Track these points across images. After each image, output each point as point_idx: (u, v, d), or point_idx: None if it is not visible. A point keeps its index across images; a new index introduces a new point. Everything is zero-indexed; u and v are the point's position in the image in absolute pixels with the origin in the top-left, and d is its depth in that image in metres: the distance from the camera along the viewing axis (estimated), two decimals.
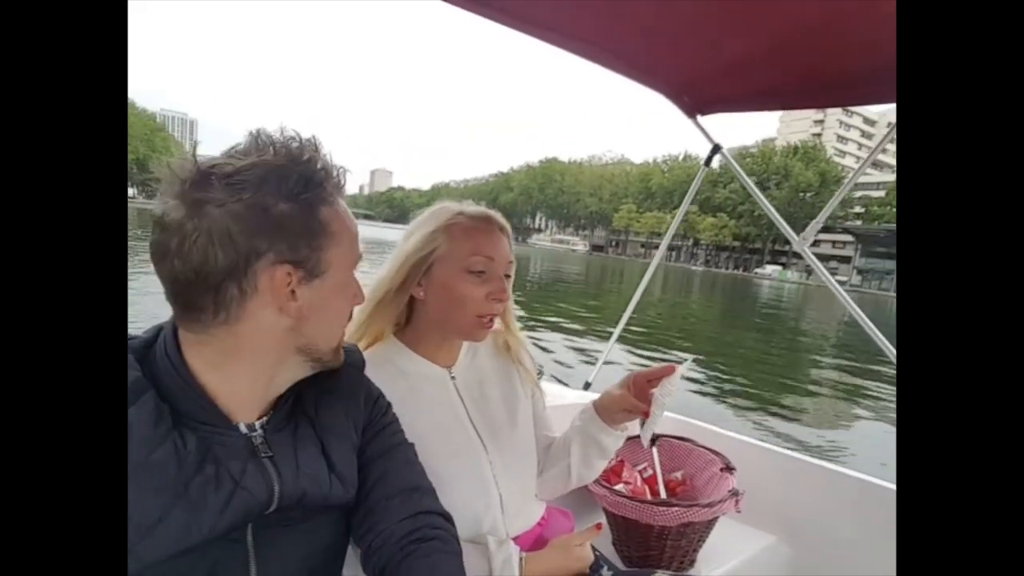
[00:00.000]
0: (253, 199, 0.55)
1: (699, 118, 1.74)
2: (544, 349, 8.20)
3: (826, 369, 10.10)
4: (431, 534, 0.68)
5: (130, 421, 0.52)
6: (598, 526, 0.95)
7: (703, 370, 7.94)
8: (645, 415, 0.94)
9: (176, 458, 0.53)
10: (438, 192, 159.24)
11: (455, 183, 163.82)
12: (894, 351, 1.46)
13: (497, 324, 1.07)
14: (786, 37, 1.20)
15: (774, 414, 6.28)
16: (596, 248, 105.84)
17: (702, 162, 1.89)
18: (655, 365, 0.95)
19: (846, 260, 69.19)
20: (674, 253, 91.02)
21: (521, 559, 0.89)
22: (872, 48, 1.15)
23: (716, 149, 1.80)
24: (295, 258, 0.57)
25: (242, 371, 0.60)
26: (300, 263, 0.58)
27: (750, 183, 1.85)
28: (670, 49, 1.38)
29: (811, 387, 8.43)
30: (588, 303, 17.30)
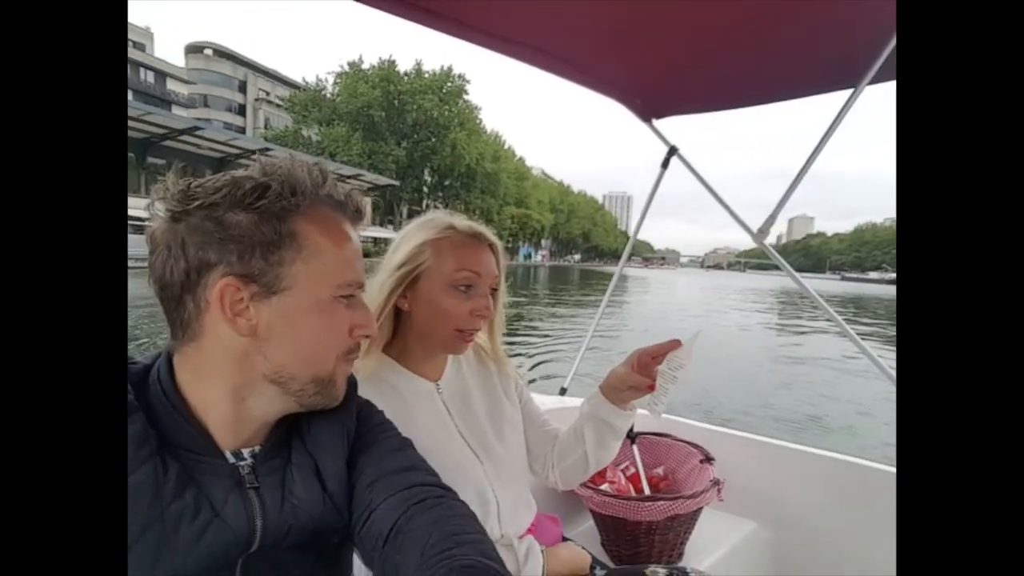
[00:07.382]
0: (208, 211, 0.55)
1: (655, 122, 1.79)
2: None
3: None
4: (433, 492, 0.62)
5: None
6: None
7: None
8: (651, 388, 0.93)
9: (155, 483, 0.52)
10: (861, 234, 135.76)
11: (888, 221, 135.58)
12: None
13: (482, 340, 1.08)
14: (731, 30, 1.21)
15: None
16: None
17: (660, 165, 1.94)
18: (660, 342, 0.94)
19: None
20: None
21: (542, 551, 0.99)
22: (827, 35, 1.14)
23: (673, 151, 1.86)
24: (245, 271, 0.55)
25: (213, 392, 0.58)
26: (252, 277, 0.56)
27: (707, 182, 1.91)
28: (616, 51, 1.38)
29: None
30: None
